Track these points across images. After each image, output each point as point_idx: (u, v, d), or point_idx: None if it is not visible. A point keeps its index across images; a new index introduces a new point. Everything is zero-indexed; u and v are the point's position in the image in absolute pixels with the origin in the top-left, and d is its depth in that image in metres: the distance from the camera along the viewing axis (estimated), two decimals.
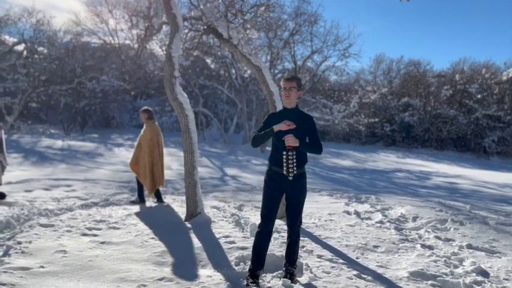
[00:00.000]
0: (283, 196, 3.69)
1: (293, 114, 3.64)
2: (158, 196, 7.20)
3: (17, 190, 7.83)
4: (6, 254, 4.10)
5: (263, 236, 3.64)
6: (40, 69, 23.85)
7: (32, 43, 24.03)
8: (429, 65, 36.54)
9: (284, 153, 3.51)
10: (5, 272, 3.56)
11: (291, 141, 3.46)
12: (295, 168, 3.53)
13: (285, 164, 3.51)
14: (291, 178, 3.54)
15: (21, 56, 24.26)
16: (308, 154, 3.72)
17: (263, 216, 3.63)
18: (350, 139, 29.39)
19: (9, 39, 25.28)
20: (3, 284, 3.30)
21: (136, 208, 6.66)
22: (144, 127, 7.28)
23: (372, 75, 35.31)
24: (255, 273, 3.58)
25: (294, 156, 3.51)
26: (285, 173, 3.52)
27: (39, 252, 4.15)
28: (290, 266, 3.70)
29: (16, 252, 4.12)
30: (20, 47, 24.54)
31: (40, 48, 25.20)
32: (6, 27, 24.10)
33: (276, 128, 3.51)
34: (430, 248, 5.01)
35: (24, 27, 25.03)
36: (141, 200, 7.19)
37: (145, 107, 7.47)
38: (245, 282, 3.54)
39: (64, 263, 3.88)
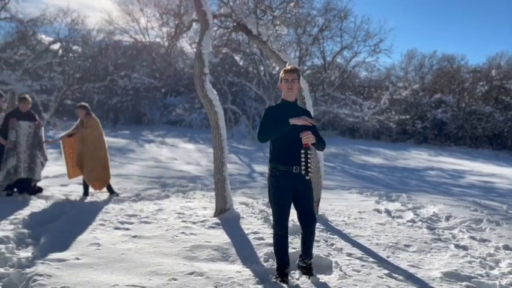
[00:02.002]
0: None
1: (293, 108, 3.51)
2: (110, 189, 7.37)
3: (53, 184, 8.12)
4: (43, 245, 4.25)
5: (281, 238, 3.54)
6: (75, 67, 24.61)
7: (67, 42, 24.81)
8: (463, 60, 35.57)
9: (302, 151, 3.36)
10: (42, 263, 3.69)
11: (310, 138, 3.30)
12: (312, 168, 3.43)
13: (303, 164, 3.36)
14: (308, 178, 3.42)
15: (56, 54, 25.09)
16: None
17: (276, 220, 3.50)
18: (380, 136, 28.88)
19: (46, 39, 26.18)
20: (41, 275, 3.42)
21: (167, 203, 6.77)
22: (86, 123, 7.16)
23: (404, 71, 34.61)
24: (283, 271, 3.55)
25: (311, 155, 3.39)
26: (303, 172, 3.37)
27: (75, 245, 4.29)
28: (308, 258, 3.64)
29: (53, 244, 4.26)
30: (56, 46, 25.38)
31: (75, 47, 26.02)
32: (43, 26, 24.98)
33: (293, 121, 3.33)
34: (464, 248, 4.87)
35: (59, 27, 25.83)
36: (85, 193, 7.20)
37: (82, 103, 7.40)
38: (274, 280, 3.54)
39: (97, 255, 3.99)
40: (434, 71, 32.73)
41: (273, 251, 4.20)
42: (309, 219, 3.53)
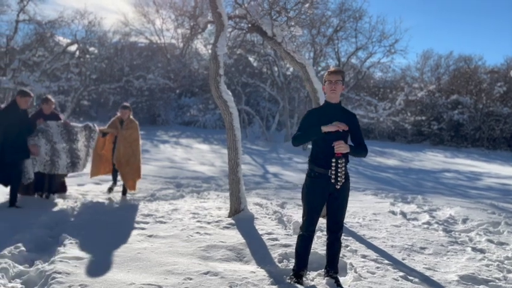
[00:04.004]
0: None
1: (336, 110, 3.46)
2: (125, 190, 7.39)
3: (70, 184, 8.22)
4: (61, 244, 4.33)
5: (305, 239, 3.54)
6: (91, 68, 24.97)
7: (84, 43, 25.16)
8: (481, 61, 34.81)
9: (333, 160, 3.32)
10: (60, 261, 3.76)
11: (342, 148, 3.28)
12: (343, 177, 3.37)
13: (333, 173, 3.33)
14: (338, 187, 3.37)
15: (74, 56, 25.47)
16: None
17: (305, 220, 3.50)
18: (395, 137, 28.58)
19: (63, 40, 26.59)
20: (59, 273, 3.49)
21: (181, 203, 6.82)
22: (127, 124, 7.12)
23: (419, 71, 34.23)
24: (299, 273, 3.55)
25: (344, 164, 3.35)
26: (332, 181, 3.34)
27: (92, 243, 4.35)
28: (335, 272, 3.58)
29: (70, 243, 4.34)
30: (73, 48, 25.75)
31: (91, 49, 26.37)
32: (60, 28, 25.36)
33: (325, 129, 3.32)
34: (482, 251, 4.80)
35: (77, 29, 26.34)
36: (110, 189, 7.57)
37: (126, 104, 7.30)
38: (289, 281, 3.54)
39: (114, 254, 4.04)
40: (450, 71, 32.27)
41: (287, 251, 4.23)
42: (335, 226, 3.52)
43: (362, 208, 6.91)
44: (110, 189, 7.63)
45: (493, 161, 21.31)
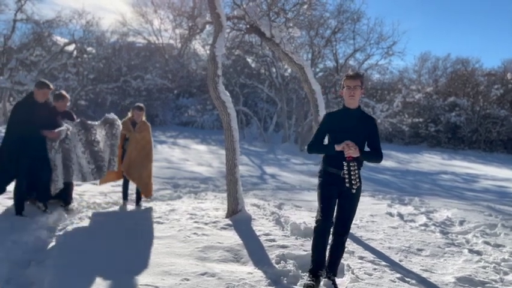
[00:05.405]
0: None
1: (355, 115, 3.43)
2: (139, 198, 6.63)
3: None
4: (58, 244, 4.31)
5: (322, 234, 3.48)
6: (89, 68, 24.89)
7: (81, 43, 25.09)
8: (478, 63, 34.98)
9: (345, 163, 3.31)
10: (57, 261, 3.75)
11: (351, 151, 3.27)
12: (357, 180, 3.35)
13: (347, 177, 3.32)
14: (354, 191, 3.36)
15: (71, 55, 25.39)
16: None
17: (321, 215, 3.47)
18: (393, 139, 28.63)
19: (61, 40, 26.53)
20: (57, 273, 3.47)
21: (179, 204, 6.81)
22: (139, 127, 6.45)
23: (417, 74, 34.35)
24: (316, 273, 3.50)
25: (356, 167, 3.34)
26: (347, 185, 3.33)
27: (90, 244, 4.34)
28: (334, 274, 3.56)
29: (67, 243, 4.32)
30: (71, 47, 25.67)
31: (89, 48, 26.29)
32: (58, 28, 25.29)
33: (338, 148, 3.32)
34: (478, 253, 4.82)
35: (74, 28, 26.20)
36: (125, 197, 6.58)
37: (140, 104, 6.63)
38: (307, 281, 3.48)
39: (111, 254, 4.04)
40: (448, 74, 32.44)
41: (284, 252, 4.24)
42: (342, 228, 3.50)
43: (359, 210, 6.85)
44: (123, 207, 6.50)
45: (490, 163, 21.39)
